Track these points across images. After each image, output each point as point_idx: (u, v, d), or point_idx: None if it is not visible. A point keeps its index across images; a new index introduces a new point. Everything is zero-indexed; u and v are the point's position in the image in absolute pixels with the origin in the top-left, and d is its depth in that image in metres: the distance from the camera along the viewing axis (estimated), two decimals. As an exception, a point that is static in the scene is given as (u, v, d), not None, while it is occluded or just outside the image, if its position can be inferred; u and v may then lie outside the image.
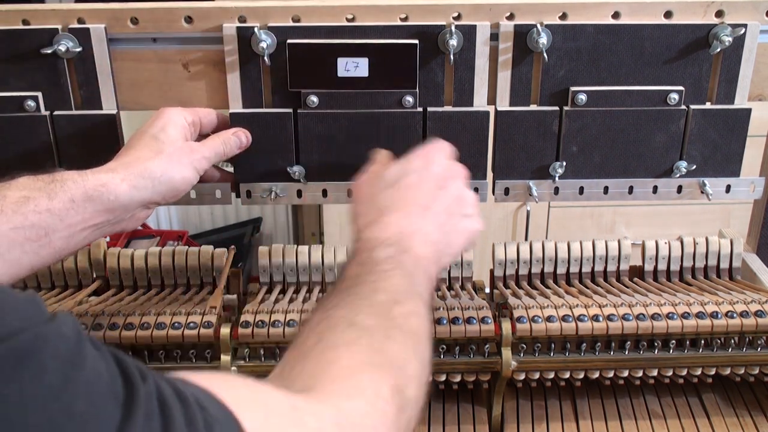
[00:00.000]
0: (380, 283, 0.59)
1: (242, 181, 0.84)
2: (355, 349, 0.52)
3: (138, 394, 0.36)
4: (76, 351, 0.35)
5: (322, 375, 0.49)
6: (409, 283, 0.61)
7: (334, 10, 0.78)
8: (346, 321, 0.54)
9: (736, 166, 0.85)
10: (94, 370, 0.35)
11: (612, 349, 0.80)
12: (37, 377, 0.32)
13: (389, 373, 0.51)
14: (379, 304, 0.57)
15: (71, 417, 0.33)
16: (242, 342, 0.79)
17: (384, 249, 0.63)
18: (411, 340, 0.56)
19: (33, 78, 0.80)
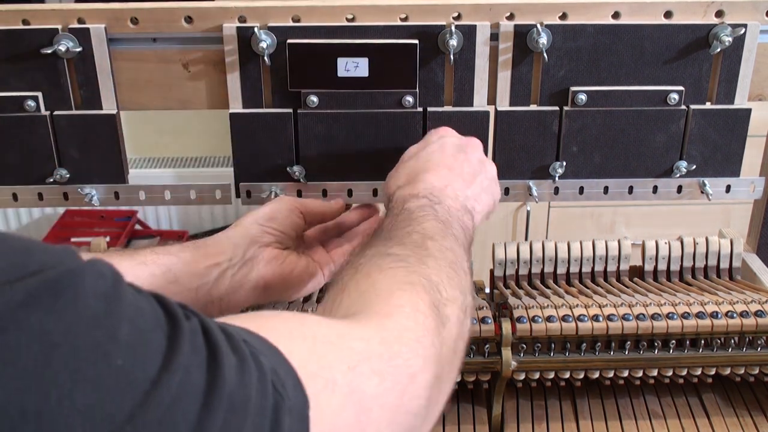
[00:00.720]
0: (414, 227, 0.61)
1: (242, 181, 0.84)
2: (390, 273, 0.53)
3: (182, 327, 0.35)
4: (115, 287, 0.34)
5: (362, 300, 0.50)
6: (444, 226, 0.63)
7: (334, 10, 0.78)
8: (381, 253, 0.56)
9: (736, 166, 0.85)
10: (135, 305, 0.34)
11: (612, 349, 0.80)
12: (75, 307, 0.32)
13: (425, 291, 0.52)
14: (413, 241, 0.58)
15: (116, 342, 0.32)
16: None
17: (416, 201, 0.65)
18: (445, 268, 0.57)
19: (33, 78, 0.80)
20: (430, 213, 0.63)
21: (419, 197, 0.66)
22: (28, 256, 0.32)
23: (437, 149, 0.73)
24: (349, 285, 0.53)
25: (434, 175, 0.69)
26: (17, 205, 0.85)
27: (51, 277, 0.31)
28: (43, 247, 0.34)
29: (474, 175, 0.72)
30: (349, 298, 0.51)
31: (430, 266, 0.55)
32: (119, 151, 0.83)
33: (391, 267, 0.53)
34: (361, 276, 0.53)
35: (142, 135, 2.42)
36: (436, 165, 0.71)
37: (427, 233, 0.60)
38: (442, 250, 0.59)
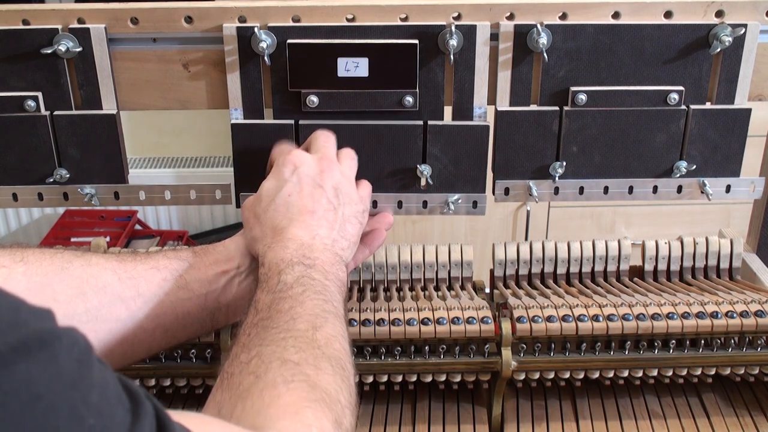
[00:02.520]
0: (296, 309, 0.61)
1: (242, 191, 0.85)
2: (293, 386, 0.53)
3: (143, 406, 0.37)
4: (86, 354, 0.36)
5: (268, 413, 0.51)
6: (323, 300, 0.63)
7: (334, 10, 0.78)
8: (277, 358, 0.56)
9: (736, 166, 0.85)
10: (102, 376, 0.36)
11: (612, 349, 0.80)
12: (55, 366, 0.33)
13: (328, 407, 0.53)
14: (302, 334, 0.59)
15: (88, 407, 0.34)
16: (242, 342, 0.78)
17: (291, 270, 0.65)
18: (338, 367, 0.58)
19: (33, 78, 0.80)
20: (308, 286, 0.64)
21: (293, 264, 0.66)
22: (16, 311, 0.34)
23: (294, 191, 0.72)
24: (252, 393, 0.53)
25: (299, 227, 0.70)
26: (17, 205, 0.86)
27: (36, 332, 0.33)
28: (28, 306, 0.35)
29: (335, 210, 0.73)
30: (252, 407, 0.51)
31: (327, 372, 0.56)
32: (119, 151, 0.83)
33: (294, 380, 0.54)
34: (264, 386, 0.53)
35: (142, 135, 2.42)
36: (298, 212, 0.71)
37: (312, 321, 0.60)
38: (330, 341, 0.59)
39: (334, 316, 0.63)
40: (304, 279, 0.64)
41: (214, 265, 0.71)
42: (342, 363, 0.59)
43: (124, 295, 0.67)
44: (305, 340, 0.58)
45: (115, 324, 0.66)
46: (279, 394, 0.52)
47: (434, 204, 0.86)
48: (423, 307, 0.79)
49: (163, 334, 0.69)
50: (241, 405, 0.52)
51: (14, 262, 0.63)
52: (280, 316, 0.60)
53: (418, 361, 0.79)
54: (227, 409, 0.53)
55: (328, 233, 0.71)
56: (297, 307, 0.61)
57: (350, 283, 0.89)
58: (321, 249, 0.69)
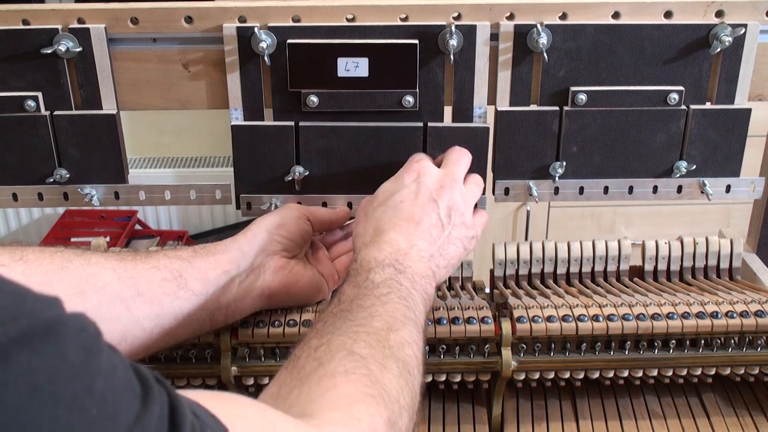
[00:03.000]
0: (377, 308, 0.61)
1: (242, 193, 0.85)
2: (353, 378, 0.53)
3: (153, 391, 0.37)
4: (94, 341, 0.35)
5: (321, 401, 0.50)
6: (406, 306, 0.63)
7: (334, 10, 0.78)
8: (345, 349, 0.55)
9: (736, 166, 0.85)
10: (111, 363, 0.36)
11: (612, 349, 0.80)
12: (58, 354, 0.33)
13: (384, 405, 0.53)
14: (376, 331, 0.58)
15: (92, 396, 0.33)
16: (242, 342, 0.78)
17: (381, 271, 0.65)
18: (405, 371, 0.57)
19: (33, 78, 0.80)
20: (393, 289, 0.64)
21: (384, 266, 0.66)
22: (20, 300, 0.34)
23: (408, 198, 0.72)
24: (311, 379, 0.53)
25: (400, 234, 0.70)
26: (17, 205, 0.86)
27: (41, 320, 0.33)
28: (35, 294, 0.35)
29: (442, 227, 0.72)
30: (308, 393, 0.51)
31: (393, 372, 0.56)
32: (119, 151, 0.83)
33: (355, 372, 0.53)
34: (324, 374, 0.53)
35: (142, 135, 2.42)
36: (404, 219, 0.71)
37: (389, 321, 0.60)
38: (402, 346, 0.59)
39: (413, 323, 0.62)
40: (391, 282, 0.64)
41: (215, 265, 0.71)
42: (410, 368, 0.58)
43: (124, 295, 0.66)
44: (377, 338, 0.58)
45: (114, 323, 0.65)
46: (336, 384, 0.52)
47: None
48: (423, 307, 0.79)
49: (162, 333, 0.68)
50: (298, 389, 0.52)
51: (13, 260, 0.63)
52: (359, 311, 0.60)
53: (418, 361, 0.79)
54: (285, 390, 0.53)
55: (427, 247, 0.70)
56: (378, 306, 0.61)
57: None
58: (416, 259, 0.69)
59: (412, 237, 0.70)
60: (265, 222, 0.75)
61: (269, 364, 0.79)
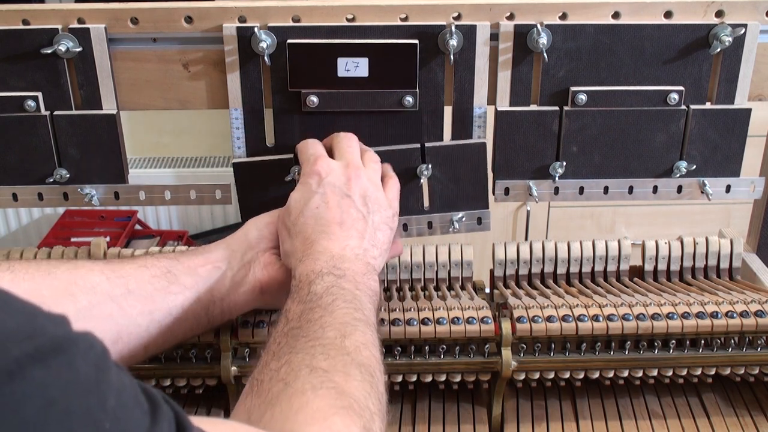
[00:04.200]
0: (326, 318, 0.61)
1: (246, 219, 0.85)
2: (322, 392, 0.53)
3: (161, 408, 0.37)
4: (103, 359, 0.36)
5: (296, 419, 0.51)
6: (354, 308, 0.63)
7: (334, 10, 0.78)
8: (306, 365, 0.56)
9: (736, 166, 0.85)
10: (120, 380, 0.36)
11: (612, 349, 0.80)
12: (71, 371, 0.33)
13: (357, 414, 0.53)
14: (331, 341, 0.59)
15: (105, 411, 0.34)
16: (242, 342, 0.78)
17: (321, 281, 0.65)
18: (367, 374, 0.58)
19: (33, 78, 0.80)
20: (338, 296, 0.64)
21: (323, 275, 0.66)
22: (33, 318, 0.35)
23: (322, 202, 0.72)
24: (281, 399, 0.53)
25: (328, 239, 0.70)
26: (17, 205, 0.86)
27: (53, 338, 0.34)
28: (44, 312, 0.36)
29: (364, 218, 0.72)
30: (281, 413, 0.52)
31: (356, 379, 0.56)
32: (119, 151, 0.83)
33: (322, 387, 0.54)
34: (293, 392, 0.53)
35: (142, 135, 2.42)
36: (327, 224, 0.71)
37: (341, 329, 0.60)
38: (359, 349, 0.59)
39: (364, 324, 0.63)
40: (333, 289, 0.65)
41: (204, 261, 0.72)
42: (371, 370, 0.59)
43: (114, 293, 0.66)
44: (334, 347, 0.58)
45: (107, 322, 0.65)
46: (307, 400, 0.52)
47: (437, 224, 0.87)
48: (423, 307, 0.79)
49: (158, 330, 0.68)
50: (270, 411, 0.52)
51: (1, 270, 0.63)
52: (309, 325, 0.61)
53: (418, 361, 0.79)
54: (256, 415, 0.53)
55: (358, 243, 0.71)
56: (326, 316, 0.62)
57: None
58: (352, 259, 0.69)
59: (340, 239, 0.70)
60: (256, 220, 0.76)
61: (269, 364, 0.79)
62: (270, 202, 0.84)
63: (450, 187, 0.85)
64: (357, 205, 0.73)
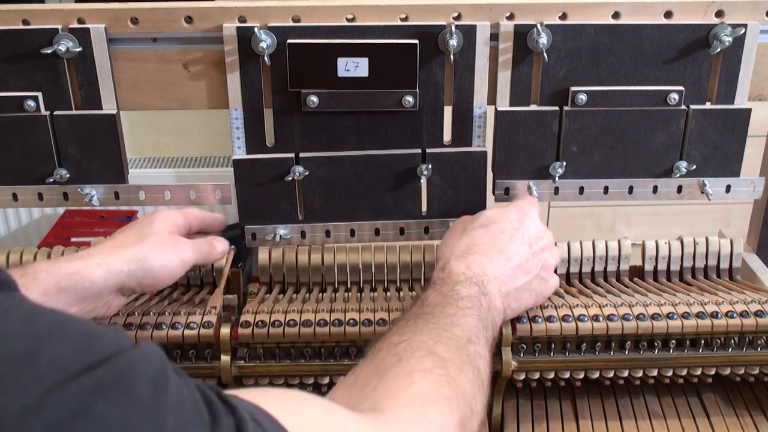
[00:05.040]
0: (459, 318, 0.62)
1: (246, 224, 0.85)
2: (431, 377, 0.54)
3: (220, 417, 0.37)
4: (162, 374, 0.36)
5: (395, 397, 0.51)
6: (482, 326, 0.65)
7: (334, 10, 0.78)
8: (426, 348, 0.57)
9: (736, 166, 0.85)
10: (179, 393, 0.36)
11: (612, 349, 0.80)
12: (130, 398, 0.34)
13: (458, 406, 0.53)
14: (456, 338, 0.60)
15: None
16: (242, 342, 0.78)
17: (467, 286, 0.67)
18: (479, 379, 0.58)
19: (33, 78, 0.80)
20: (475, 306, 0.65)
21: (471, 283, 0.68)
22: (91, 342, 0.35)
23: (508, 231, 0.74)
24: (388, 374, 0.53)
25: (490, 262, 0.71)
26: (17, 205, 0.85)
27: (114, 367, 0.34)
28: (100, 332, 0.36)
29: (526, 273, 0.74)
30: (384, 388, 0.52)
31: (468, 376, 0.57)
32: (119, 151, 0.83)
33: (433, 372, 0.54)
34: (401, 370, 0.54)
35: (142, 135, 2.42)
36: (498, 250, 0.73)
37: (468, 332, 0.62)
38: (477, 357, 0.60)
39: (485, 342, 0.64)
40: (474, 299, 0.66)
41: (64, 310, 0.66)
42: (483, 378, 0.59)
43: None
44: (457, 344, 0.59)
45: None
46: (413, 381, 0.52)
47: (435, 230, 0.87)
48: (423, 307, 0.79)
49: None
50: (375, 381, 0.53)
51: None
52: (442, 318, 0.62)
53: (418, 361, 0.79)
54: (362, 381, 0.54)
55: (508, 283, 0.72)
56: (460, 317, 0.63)
57: (350, 284, 0.89)
58: (495, 291, 0.70)
59: (498, 268, 0.71)
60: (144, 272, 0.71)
61: (269, 364, 0.79)
62: (269, 200, 0.84)
63: (448, 194, 0.85)
64: (530, 258, 0.74)
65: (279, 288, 0.88)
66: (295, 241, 0.87)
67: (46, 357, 0.32)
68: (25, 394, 0.31)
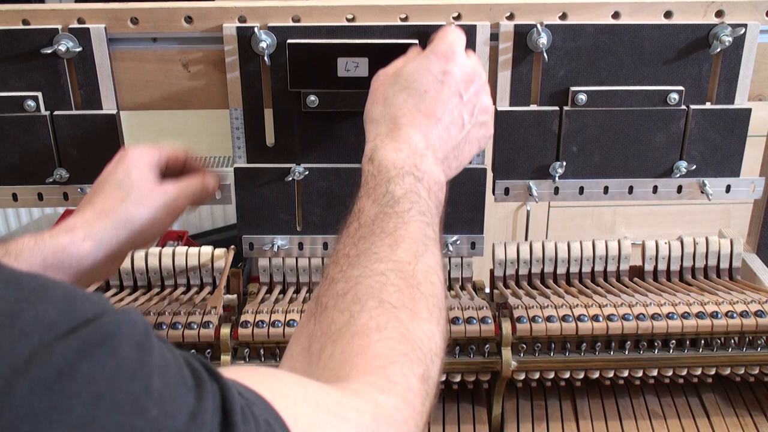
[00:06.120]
0: (400, 232, 0.58)
1: (244, 233, 0.85)
2: (386, 334, 0.52)
3: (205, 384, 0.37)
4: (146, 337, 0.36)
5: (355, 362, 0.50)
6: (425, 224, 0.60)
7: (334, 10, 0.78)
8: (375, 297, 0.54)
9: (736, 166, 0.85)
10: (162, 357, 0.36)
11: (612, 349, 0.80)
12: (116, 358, 0.34)
13: (417, 360, 0.52)
14: (402, 266, 0.56)
15: (150, 396, 0.34)
16: (242, 342, 0.79)
17: (401, 181, 0.61)
18: (435, 309, 0.56)
19: (33, 78, 0.80)
20: (414, 204, 0.60)
21: (404, 174, 0.61)
22: (72, 303, 0.34)
23: (433, 87, 0.66)
24: (344, 337, 0.51)
25: (419, 131, 0.64)
26: (17, 205, 0.85)
27: (98, 327, 0.34)
28: (81, 294, 0.35)
29: (462, 126, 0.67)
30: (342, 353, 0.51)
31: (422, 317, 0.54)
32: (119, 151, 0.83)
33: (387, 328, 0.52)
34: (356, 331, 0.52)
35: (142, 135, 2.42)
36: (425, 113, 0.65)
37: (413, 248, 0.58)
38: (427, 275, 0.57)
39: (433, 242, 0.60)
40: (411, 195, 0.60)
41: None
42: (437, 302, 0.56)
43: None
44: (405, 275, 0.56)
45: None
46: (369, 343, 0.51)
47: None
48: (423, 307, 0.79)
49: None
50: (330, 347, 0.51)
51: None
52: (383, 238, 0.57)
53: (418, 361, 0.79)
54: (317, 347, 0.52)
55: (442, 147, 0.65)
56: (401, 228, 0.58)
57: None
58: (431, 162, 0.63)
59: (429, 135, 0.65)
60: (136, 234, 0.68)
61: (269, 364, 0.79)
62: (268, 210, 0.84)
63: (447, 209, 0.85)
64: (463, 110, 0.67)
65: (279, 288, 0.88)
66: (293, 252, 0.87)
67: (29, 317, 0.32)
68: (11, 353, 0.31)
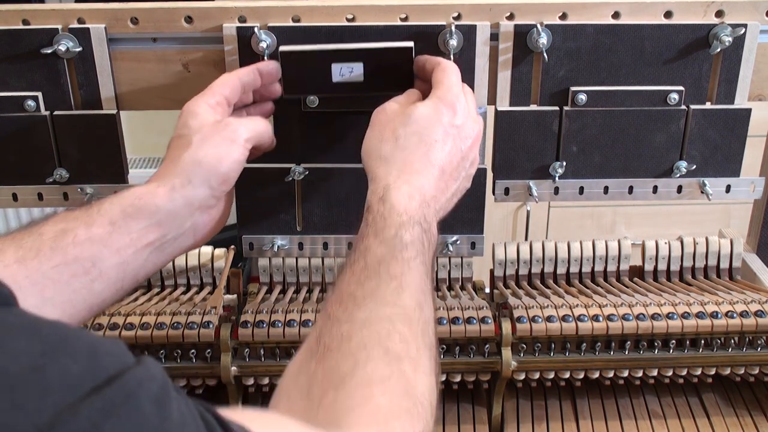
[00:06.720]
0: (405, 278, 0.59)
1: (244, 234, 0.85)
2: (390, 386, 0.52)
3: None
4: (165, 392, 0.36)
5: (358, 413, 0.50)
6: (426, 274, 0.61)
7: (334, 10, 0.78)
8: (380, 345, 0.54)
9: (736, 166, 0.85)
10: (180, 411, 0.36)
11: (612, 349, 0.80)
12: (138, 417, 0.34)
13: (418, 417, 0.52)
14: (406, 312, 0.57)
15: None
16: (242, 342, 0.79)
17: (411, 229, 0.62)
18: (433, 361, 0.57)
19: (33, 78, 0.80)
20: (419, 253, 0.61)
21: (414, 223, 0.62)
22: (94, 359, 0.35)
23: (443, 140, 0.68)
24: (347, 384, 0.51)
25: (429, 182, 0.66)
26: (17, 205, 0.85)
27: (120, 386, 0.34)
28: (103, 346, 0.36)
29: (456, 179, 0.70)
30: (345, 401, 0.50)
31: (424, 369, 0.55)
32: (119, 151, 0.83)
33: (391, 379, 0.52)
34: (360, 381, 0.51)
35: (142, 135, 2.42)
36: (435, 164, 0.67)
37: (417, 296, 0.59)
38: (428, 325, 0.58)
39: (431, 294, 0.61)
40: (417, 244, 0.62)
41: (138, 238, 0.64)
42: (434, 354, 0.57)
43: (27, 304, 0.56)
44: (410, 322, 0.56)
45: None
46: (373, 394, 0.51)
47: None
48: (423, 307, 0.79)
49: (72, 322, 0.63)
50: (333, 394, 0.51)
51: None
52: (389, 281, 0.58)
53: (418, 361, 0.79)
54: (318, 390, 0.51)
55: (441, 197, 0.68)
56: (407, 275, 0.59)
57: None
58: (434, 214, 0.66)
59: (435, 187, 0.67)
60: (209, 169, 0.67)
61: (269, 364, 0.79)
62: (268, 210, 0.84)
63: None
64: (460, 168, 0.70)
65: (279, 288, 0.88)
66: (293, 252, 0.86)
67: (53, 373, 0.32)
68: (36, 412, 0.31)
